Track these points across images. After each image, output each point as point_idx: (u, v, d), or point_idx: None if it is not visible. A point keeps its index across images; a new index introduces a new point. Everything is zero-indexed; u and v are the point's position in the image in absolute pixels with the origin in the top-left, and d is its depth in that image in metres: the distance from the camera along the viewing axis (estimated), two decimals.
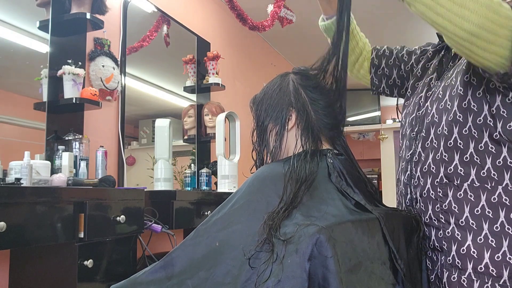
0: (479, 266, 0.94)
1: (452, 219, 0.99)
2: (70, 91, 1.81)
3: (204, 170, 2.50)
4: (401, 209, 1.14)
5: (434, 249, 1.04)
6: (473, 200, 0.97)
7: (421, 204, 1.07)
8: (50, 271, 1.41)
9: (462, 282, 0.95)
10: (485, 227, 0.95)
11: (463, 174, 0.98)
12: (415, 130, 1.11)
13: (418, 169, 1.08)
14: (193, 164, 2.74)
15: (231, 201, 0.93)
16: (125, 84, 2.28)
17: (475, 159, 0.96)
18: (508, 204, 0.94)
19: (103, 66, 2.08)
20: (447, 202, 1.01)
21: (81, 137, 1.83)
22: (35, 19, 1.82)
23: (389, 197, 4.62)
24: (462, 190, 0.98)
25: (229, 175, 2.30)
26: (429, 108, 1.08)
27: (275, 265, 0.73)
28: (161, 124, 2.18)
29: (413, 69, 1.27)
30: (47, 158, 1.71)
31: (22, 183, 1.29)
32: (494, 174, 0.94)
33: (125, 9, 2.35)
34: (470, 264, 0.95)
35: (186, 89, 2.86)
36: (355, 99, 5.71)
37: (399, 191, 1.19)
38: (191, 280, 0.84)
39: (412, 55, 1.29)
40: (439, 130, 1.02)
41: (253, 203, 0.89)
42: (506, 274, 0.91)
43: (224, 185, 2.31)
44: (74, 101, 1.80)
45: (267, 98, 1.06)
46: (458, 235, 0.98)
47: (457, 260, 0.97)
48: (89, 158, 1.83)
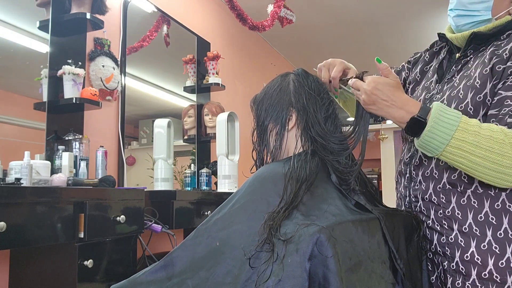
0: (483, 273, 0.94)
1: (456, 225, 0.99)
2: (70, 91, 1.81)
3: (204, 170, 2.50)
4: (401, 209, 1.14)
5: (436, 253, 1.04)
6: (476, 206, 0.97)
7: (422, 207, 1.07)
8: (50, 271, 1.41)
9: None
10: (489, 233, 0.95)
11: (466, 180, 0.98)
12: None
13: (420, 173, 1.08)
14: (193, 164, 2.74)
15: (231, 201, 0.93)
16: (125, 84, 2.28)
17: None
18: None
19: (103, 66, 2.08)
20: (450, 208, 1.01)
21: (81, 137, 1.83)
22: (35, 19, 1.82)
23: (389, 197, 4.62)
24: (466, 197, 0.98)
25: (229, 175, 2.30)
26: None
27: (275, 264, 0.73)
28: (160, 124, 2.18)
29: (408, 79, 1.27)
30: (47, 158, 1.71)
31: (22, 183, 1.29)
32: None
33: (125, 9, 2.35)
34: (474, 270, 0.96)
35: (186, 89, 2.86)
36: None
37: (399, 193, 1.19)
38: (192, 280, 0.84)
39: (401, 73, 1.30)
40: None
41: (254, 203, 0.89)
42: (510, 280, 0.92)
43: (224, 185, 2.31)
44: (74, 101, 1.80)
45: (268, 98, 1.05)
46: (461, 241, 0.98)
47: (461, 267, 0.98)
48: (89, 158, 1.83)
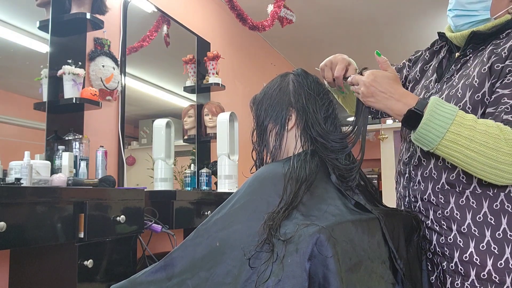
0: (482, 273, 0.94)
1: (454, 225, 0.99)
2: (70, 91, 1.81)
3: (204, 170, 2.50)
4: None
5: (435, 253, 1.04)
6: (475, 207, 0.97)
7: (421, 208, 1.07)
8: (50, 271, 1.41)
9: None
10: (487, 234, 0.95)
11: (465, 181, 0.98)
12: None
13: (419, 173, 1.08)
14: (193, 164, 2.74)
15: (231, 201, 0.93)
16: (125, 84, 2.28)
17: None
18: (510, 211, 0.94)
19: (103, 66, 2.08)
20: (448, 209, 1.01)
21: (81, 137, 1.83)
22: (35, 19, 1.82)
23: (389, 197, 4.61)
24: (464, 197, 0.99)
25: (229, 175, 2.30)
26: None
27: (275, 265, 0.73)
28: (160, 124, 2.18)
29: (408, 77, 1.27)
30: (47, 158, 1.71)
31: (22, 183, 1.29)
32: None
33: (125, 9, 2.35)
34: (473, 271, 0.96)
35: (186, 89, 2.86)
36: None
37: (398, 193, 1.19)
38: (192, 280, 0.84)
39: (402, 71, 1.30)
40: None
41: (253, 203, 0.89)
42: (508, 281, 0.92)
43: (224, 185, 2.31)
44: (74, 101, 1.80)
45: (267, 98, 1.05)
46: (460, 242, 0.98)
47: (460, 267, 0.98)
48: (89, 158, 1.83)
